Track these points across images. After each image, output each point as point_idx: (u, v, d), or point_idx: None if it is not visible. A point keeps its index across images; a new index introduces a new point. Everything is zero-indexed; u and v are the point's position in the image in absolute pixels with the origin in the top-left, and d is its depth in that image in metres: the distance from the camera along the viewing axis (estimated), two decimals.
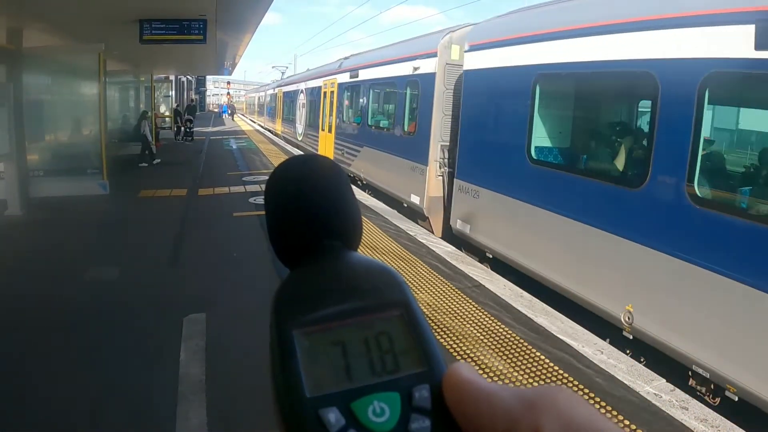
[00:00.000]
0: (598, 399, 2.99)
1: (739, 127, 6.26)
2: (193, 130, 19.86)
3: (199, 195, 9.15)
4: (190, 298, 4.41)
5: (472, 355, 3.49)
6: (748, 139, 5.91)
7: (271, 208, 0.34)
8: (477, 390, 0.26)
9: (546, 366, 3.38)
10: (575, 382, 3.18)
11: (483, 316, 4.13)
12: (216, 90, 78.37)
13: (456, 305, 4.32)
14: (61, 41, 8.77)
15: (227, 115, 46.33)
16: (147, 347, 3.57)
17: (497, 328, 3.92)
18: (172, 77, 23.75)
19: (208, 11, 7.38)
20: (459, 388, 0.26)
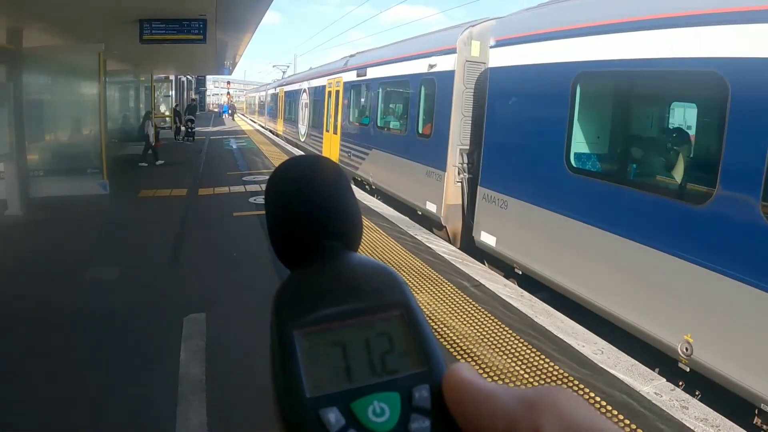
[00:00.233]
0: (598, 399, 2.99)
1: None
2: (195, 130, 19.84)
3: (199, 195, 9.15)
4: (190, 298, 4.41)
5: (473, 355, 3.49)
6: None
7: (271, 208, 0.34)
8: (477, 390, 0.26)
9: (546, 366, 3.38)
10: (575, 382, 3.18)
11: (483, 315, 4.13)
12: (216, 90, 78.31)
13: (456, 305, 4.33)
14: (61, 41, 8.78)
15: (227, 114, 46.38)
16: (147, 347, 3.57)
17: (497, 327, 3.92)
18: (172, 77, 23.79)
19: (208, 11, 7.39)
20: (459, 389, 0.26)
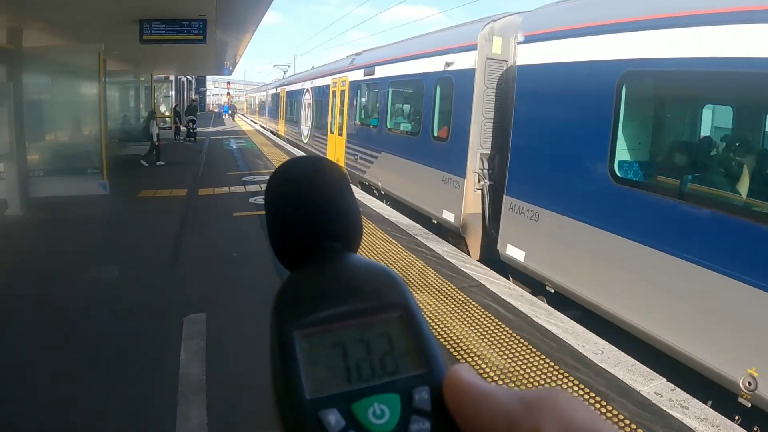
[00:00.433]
0: (598, 398, 2.99)
1: None
2: (197, 130, 19.83)
3: (199, 195, 9.15)
4: (190, 298, 4.41)
5: (473, 355, 3.49)
6: None
7: (271, 209, 0.34)
8: (477, 392, 0.26)
9: (547, 366, 3.38)
10: (576, 382, 3.18)
11: (483, 315, 4.13)
12: (216, 90, 78.34)
13: (456, 305, 4.33)
14: (61, 41, 8.78)
15: (227, 115, 46.40)
16: (147, 347, 3.57)
17: (497, 327, 3.92)
18: (172, 77, 23.80)
19: (208, 11, 7.40)
20: (459, 390, 0.26)
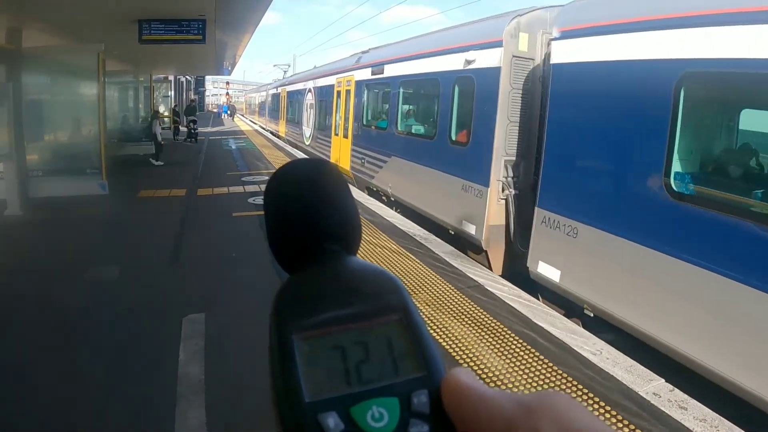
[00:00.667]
0: (597, 399, 2.99)
1: None
2: (198, 131, 19.81)
3: (199, 195, 9.15)
4: (190, 298, 4.41)
5: (472, 356, 3.49)
6: None
7: (271, 210, 0.34)
8: (476, 395, 0.26)
9: (546, 366, 3.38)
10: (575, 383, 3.18)
11: (482, 316, 4.13)
12: (215, 90, 78.30)
13: (455, 305, 4.33)
14: (61, 41, 8.78)
15: (227, 115, 46.37)
16: (146, 347, 3.57)
17: (497, 328, 3.92)
18: (171, 77, 23.79)
19: (208, 11, 7.40)
20: (458, 394, 0.26)
